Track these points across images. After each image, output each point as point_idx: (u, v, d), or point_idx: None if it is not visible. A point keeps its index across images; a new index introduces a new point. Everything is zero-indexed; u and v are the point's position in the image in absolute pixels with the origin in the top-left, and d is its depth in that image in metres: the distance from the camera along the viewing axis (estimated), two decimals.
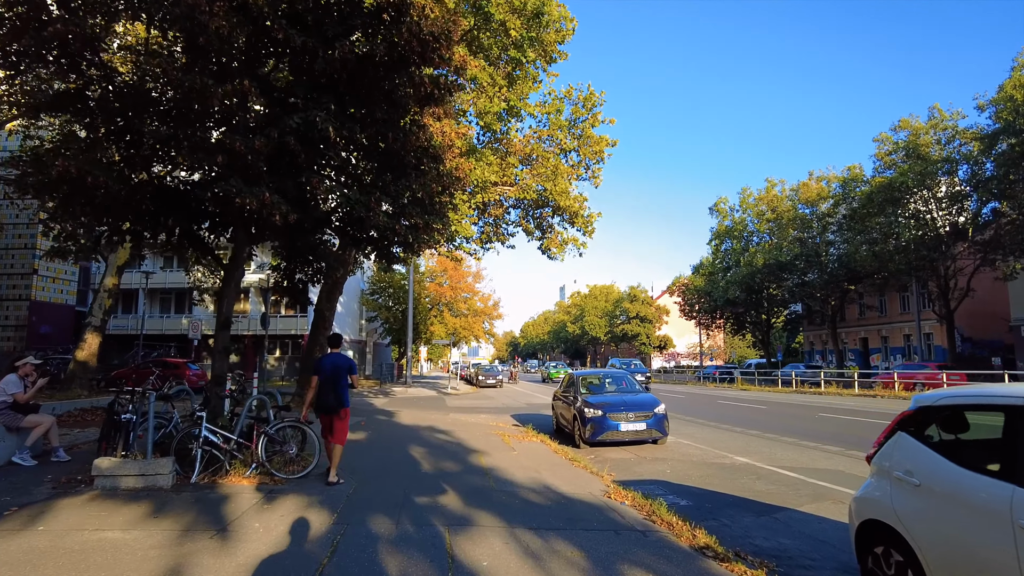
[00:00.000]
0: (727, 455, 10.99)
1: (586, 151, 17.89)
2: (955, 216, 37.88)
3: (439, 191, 8.87)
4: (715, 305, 57.72)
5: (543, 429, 15.00)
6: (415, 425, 14.52)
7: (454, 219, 14.41)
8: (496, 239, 19.97)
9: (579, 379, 13.49)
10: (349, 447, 10.44)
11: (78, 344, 21.80)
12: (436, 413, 18.84)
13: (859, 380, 30.45)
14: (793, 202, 51.24)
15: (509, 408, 22.31)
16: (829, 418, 17.14)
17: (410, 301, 36.30)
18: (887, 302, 50.59)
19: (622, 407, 11.97)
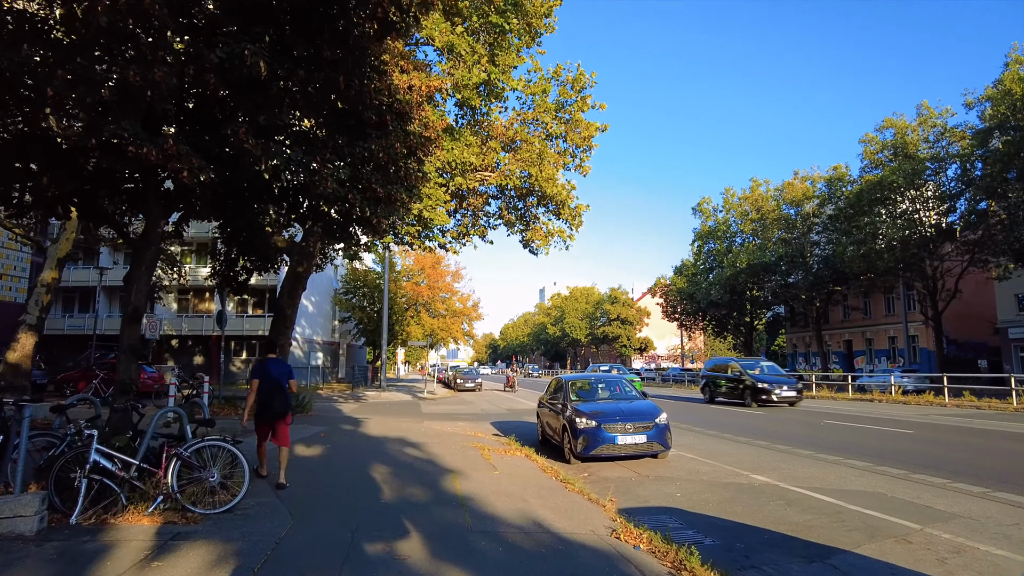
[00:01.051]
0: (742, 472, 9.50)
1: (574, 137, 16.35)
2: (944, 216, 37.26)
3: (404, 154, 7.24)
4: (698, 307, 56.77)
5: (527, 440, 13.43)
6: (383, 436, 12.83)
7: (427, 204, 12.76)
8: (474, 231, 18.35)
9: (568, 384, 11.92)
10: (299, 466, 8.76)
11: (9, 345, 19.64)
12: (409, 421, 17.15)
13: (852, 384, 29.31)
14: (778, 202, 50.42)
15: (488, 415, 20.68)
16: (837, 426, 15.81)
17: (385, 300, 34.49)
18: (871, 304, 50.06)
19: (618, 417, 10.43)
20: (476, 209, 18.42)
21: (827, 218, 45.54)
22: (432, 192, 13.07)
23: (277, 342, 17.36)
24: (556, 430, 11.55)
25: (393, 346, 47.80)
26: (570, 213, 16.43)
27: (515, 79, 14.71)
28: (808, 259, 48.54)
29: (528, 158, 15.36)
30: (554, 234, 16.49)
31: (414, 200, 7.92)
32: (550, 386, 13.43)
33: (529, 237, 16.90)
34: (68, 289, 39.58)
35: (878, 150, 38.85)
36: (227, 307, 39.62)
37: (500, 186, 17.51)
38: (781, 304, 57.31)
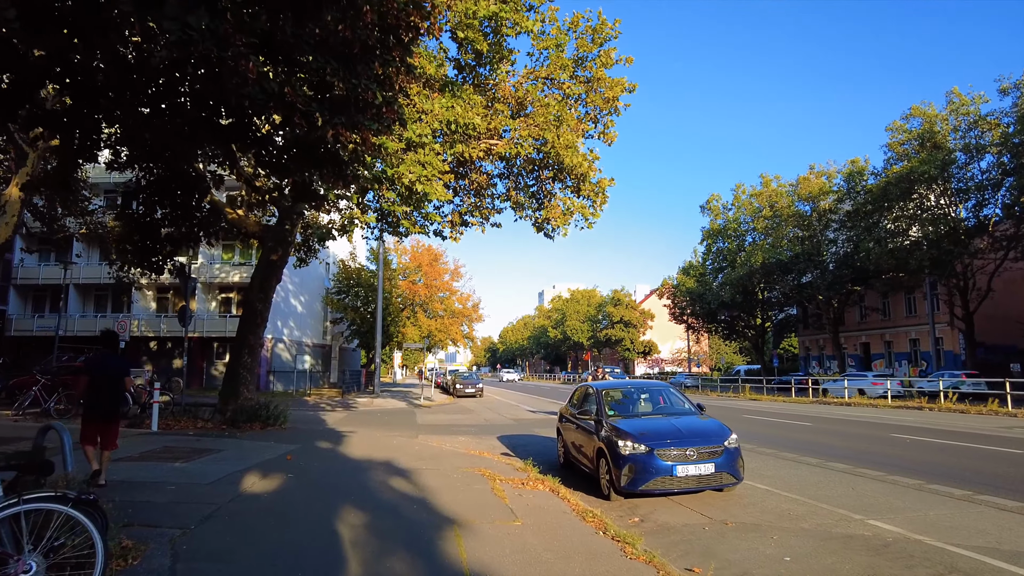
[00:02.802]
0: (851, 515, 6.92)
1: (595, 98, 13.81)
2: (977, 209, 34.83)
3: (377, 36, 4.68)
4: (708, 308, 54.25)
5: (543, 461, 10.83)
6: (366, 459, 10.21)
7: (421, 174, 10.18)
8: (477, 214, 15.79)
9: (600, 394, 9.32)
10: (237, 514, 6.14)
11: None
12: (401, 435, 14.55)
13: (892, 391, 26.69)
14: (792, 198, 47.93)
15: (493, 426, 18.05)
16: (913, 441, 13.24)
17: (379, 299, 31.90)
18: (891, 304, 47.53)
19: (675, 439, 7.83)
20: (480, 188, 15.86)
21: (844, 214, 43.22)
22: (428, 160, 10.49)
23: (247, 341, 14.77)
24: (587, 454, 8.96)
25: (389, 349, 45.17)
26: (592, 189, 13.85)
27: (529, 19, 12.14)
28: (824, 257, 46.14)
29: (542, 123, 12.80)
30: (574, 211, 13.85)
31: (394, 113, 5.37)
32: (574, 396, 10.83)
33: (544, 217, 14.27)
34: (39, 288, 36.93)
35: (905, 140, 36.49)
36: (209, 306, 37.07)
37: (508, 160, 14.95)
38: (794, 305, 54.93)
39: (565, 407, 11.05)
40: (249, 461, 9.26)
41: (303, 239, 22.01)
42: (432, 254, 41.60)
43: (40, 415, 15.19)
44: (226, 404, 14.31)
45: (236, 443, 11.23)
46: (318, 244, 21.92)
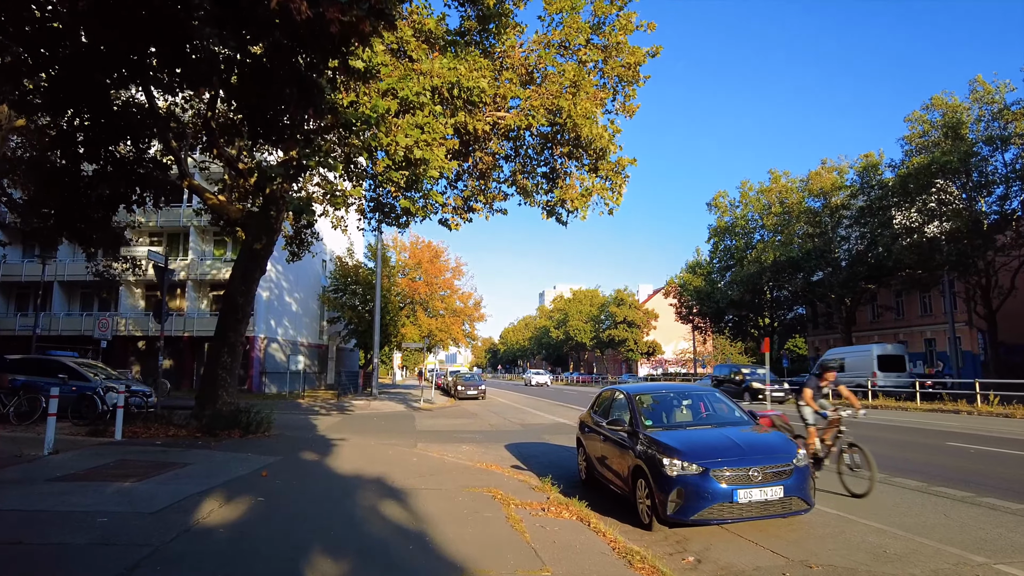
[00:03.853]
0: (962, 554, 5.42)
1: (615, 66, 12.28)
2: (1000, 203, 33.35)
3: None
4: (717, 307, 52.78)
5: (563, 477, 9.34)
6: (355, 476, 8.71)
7: (419, 138, 8.69)
8: (482, 198, 14.30)
9: (633, 399, 7.80)
10: (180, 554, 4.65)
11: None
12: (398, 444, 13.04)
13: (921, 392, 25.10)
14: (803, 194, 46.44)
15: (500, 433, 16.55)
16: (979, 452, 11.74)
17: (377, 297, 30.42)
18: (904, 303, 46.01)
19: (734, 455, 6.34)
20: (484, 171, 14.37)
21: (857, 210, 41.81)
22: (427, 123, 9.00)
23: (227, 339, 13.27)
24: (618, 472, 7.46)
25: (388, 349, 43.67)
26: (611, 168, 12.32)
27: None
28: (836, 255, 44.69)
29: (556, 91, 11.31)
30: (593, 192, 12.30)
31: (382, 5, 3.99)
32: (598, 402, 9.33)
33: (558, 199, 12.70)
34: (22, 285, 35.46)
35: (926, 130, 35.03)
36: (200, 304, 35.57)
37: (516, 138, 13.46)
38: (803, 304, 53.51)
39: (587, 414, 9.55)
40: (215, 479, 7.76)
41: (295, 232, 20.59)
42: (433, 251, 40.12)
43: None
44: (202, 409, 12.82)
45: (207, 455, 9.73)
46: (309, 235, 20.49)
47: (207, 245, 35.56)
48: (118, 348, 32.75)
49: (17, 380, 15.57)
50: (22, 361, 17.06)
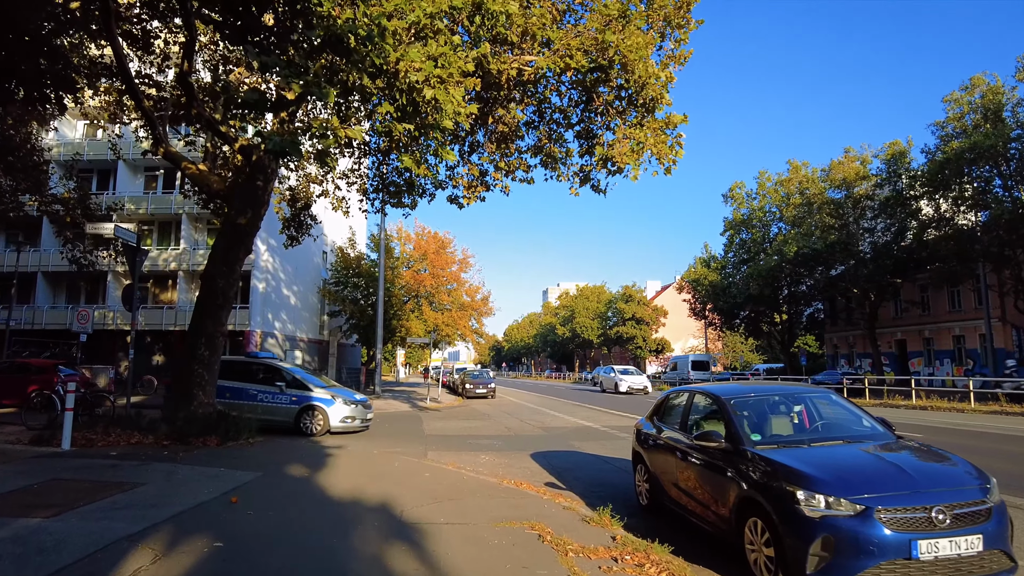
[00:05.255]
0: None
1: (663, 4, 10.25)
2: None
3: None
4: (734, 302, 50.68)
5: (612, 496, 7.32)
6: (352, 500, 6.74)
7: (432, 72, 6.69)
8: (502, 165, 12.30)
9: (729, 403, 5.77)
10: None
11: None
12: (405, 452, 11.06)
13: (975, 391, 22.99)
14: (824, 184, 44.33)
15: (520, 438, 14.54)
16: None
17: (380, 290, 28.45)
18: (931, 298, 43.90)
19: (905, 487, 4.34)
20: (504, 136, 12.37)
21: (882, 201, 39.77)
22: (443, 54, 6.98)
23: (205, 329, 11.29)
24: (711, 504, 5.45)
25: (391, 345, 41.72)
26: (658, 126, 10.25)
27: None
28: (859, 247, 42.59)
29: (599, 26, 9.30)
30: (646, 146, 10.19)
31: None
32: (665, 407, 7.31)
33: (599, 158, 10.61)
34: (4, 275, 33.51)
35: (964, 112, 32.91)
36: (193, 296, 33.59)
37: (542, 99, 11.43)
38: (821, 300, 51.47)
39: (647, 422, 7.54)
40: (164, 510, 5.80)
41: (292, 215, 18.63)
42: (439, 241, 38.11)
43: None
44: (174, 411, 10.85)
45: (168, 471, 7.75)
46: (308, 218, 18.52)
47: (200, 234, 33.60)
48: (105, 343, 30.87)
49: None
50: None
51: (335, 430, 13.65)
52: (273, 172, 12.45)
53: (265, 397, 13.68)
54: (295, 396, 13.66)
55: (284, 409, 13.58)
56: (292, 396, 13.65)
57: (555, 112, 12.49)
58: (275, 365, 14.53)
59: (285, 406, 13.60)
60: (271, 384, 13.80)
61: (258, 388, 13.81)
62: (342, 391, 14.76)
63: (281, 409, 13.58)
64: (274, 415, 13.51)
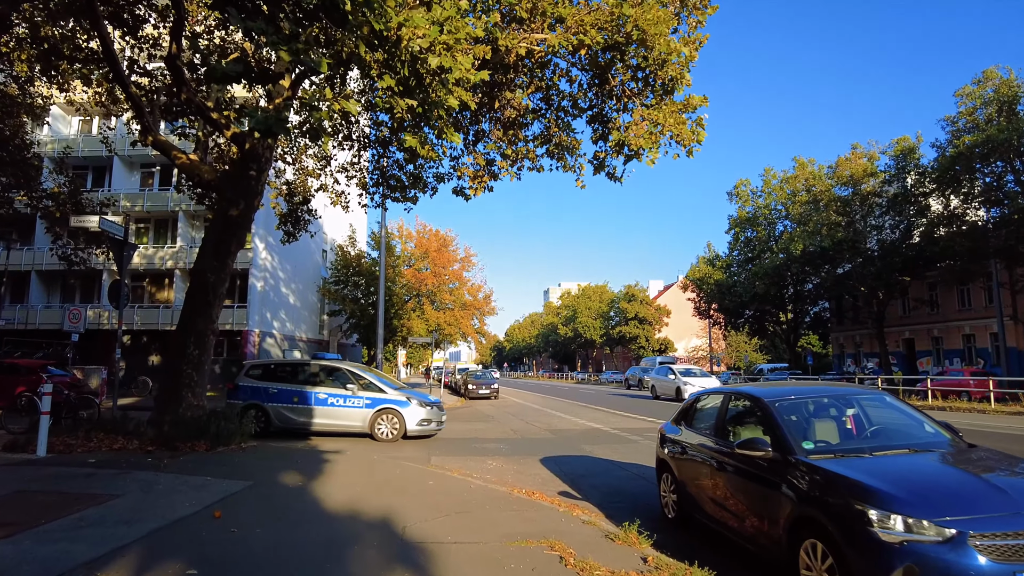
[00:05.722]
0: None
1: None
2: None
3: None
4: (739, 301, 50.02)
5: (638, 510, 6.65)
6: (350, 514, 6.09)
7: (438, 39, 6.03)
8: (509, 152, 11.65)
9: (773, 407, 5.08)
10: None
11: None
12: (407, 459, 10.38)
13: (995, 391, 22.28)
14: (831, 181, 43.67)
15: (527, 441, 13.87)
16: None
17: (381, 288, 27.76)
18: (940, 297, 43.23)
19: (1002, 507, 3.67)
20: (510, 123, 11.71)
21: (891, 198, 39.15)
22: (449, 18, 6.33)
23: (194, 327, 10.64)
24: (756, 521, 4.77)
25: (392, 345, 41.07)
26: (675, 109, 9.57)
27: None
28: (866, 245, 41.93)
29: (614, 2, 8.63)
30: (666, 128, 9.48)
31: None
32: (696, 411, 6.63)
33: (615, 142, 9.92)
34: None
35: (977, 106, 32.22)
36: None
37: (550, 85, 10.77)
38: (827, 299, 50.81)
39: (672, 427, 6.88)
40: (137, 527, 5.14)
41: (290, 211, 17.99)
42: (440, 239, 37.46)
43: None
44: (161, 414, 10.20)
45: (148, 481, 7.10)
46: (306, 213, 17.88)
47: (197, 232, 32.94)
48: (100, 343, 30.22)
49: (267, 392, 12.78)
50: (275, 367, 13.89)
51: (411, 434, 12.84)
52: (267, 161, 11.81)
53: (335, 401, 12.83)
54: (368, 399, 12.82)
55: (357, 413, 12.76)
56: (365, 399, 12.81)
57: (563, 99, 11.84)
58: (344, 367, 13.69)
59: (358, 410, 12.76)
60: (341, 387, 12.99)
61: (327, 392, 12.92)
62: (415, 392, 13.95)
63: (354, 413, 12.75)
64: (346, 420, 12.75)
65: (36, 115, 18.94)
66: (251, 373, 13.50)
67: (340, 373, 13.34)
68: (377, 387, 13.07)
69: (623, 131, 9.81)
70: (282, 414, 12.91)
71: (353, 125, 16.87)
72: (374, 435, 12.69)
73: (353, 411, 12.80)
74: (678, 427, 6.70)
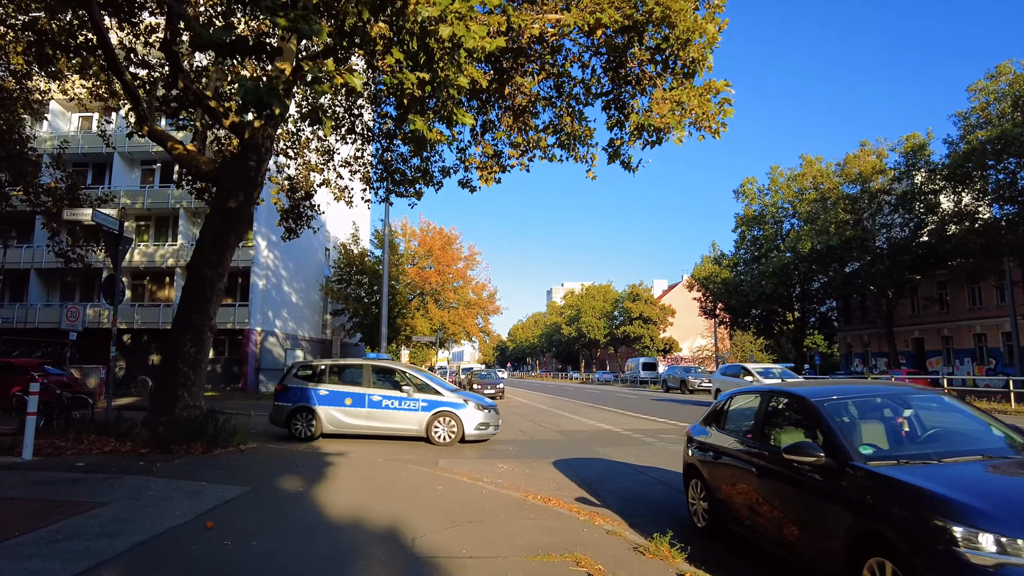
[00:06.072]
0: None
1: None
2: None
3: None
4: (746, 300, 49.46)
5: (663, 519, 6.17)
6: (355, 524, 5.61)
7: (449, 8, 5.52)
8: (520, 140, 11.17)
9: (823, 409, 4.53)
10: None
11: None
12: (413, 460, 9.92)
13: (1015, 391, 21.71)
14: (840, 179, 43.13)
15: (538, 443, 13.38)
16: None
17: (384, 287, 27.34)
18: (950, 296, 42.67)
19: None
20: (524, 107, 11.24)
21: (900, 195, 38.65)
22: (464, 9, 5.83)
23: (191, 324, 10.17)
24: (806, 535, 4.28)
25: (396, 344, 40.65)
26: (696, 93, 9.07)
27: None
28: (875, 243, 41.40)
29: None
30: (691, 108, 8.94)
31: None
32: (729, 412, 6.12)
33: (635, 126, 9.38)
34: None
35: (990, 101, 31.68)
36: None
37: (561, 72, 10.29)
38: (835, 298, 50.27)
39: (701, 429, 6.38)
40: (121, 540, 4.67)
41: (291, 206, 17.52)
42: (444, 237, 37.00)
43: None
44: (157, 415, 9.73)
45: (138, 486, 6.63)
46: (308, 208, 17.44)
47: (199, 229, 32.48)
48: (100, 342, 29.80)
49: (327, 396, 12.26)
50: (325, 367, 13.23)
51: (469, 438, 12.32)
52: (267, 151, 11.35)
53: (391, 404, 12.31)
54: (425, 401, 12.30)
55: (413, 417, 12.24)
56: (422, 401, 12.29)
57: (575, 86, 11.35)
58: (398, 367, 13.22)
59: (415, 413, 12.24)
60: (395, 389, 12.49)
61: (381, 394, 12.39)
62: (471, 395, 13.45)
63: (410, 417, 12.24)
64: (401, 424, 12.27)
65: (34, 110, 18.54)
66: (299, 374, 12.92)
67: (394, 374, 12.86)
68: (433, 389, 12.54)
69: (642, 115, 9.29)
70: (334, 417, 12.36)
71: (356, 118, 16.45)
72: (430, 439, 12.16)
73: (409, 414, 12.28)
74: (707, 429, 6.21)
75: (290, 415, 12.28)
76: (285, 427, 12.40)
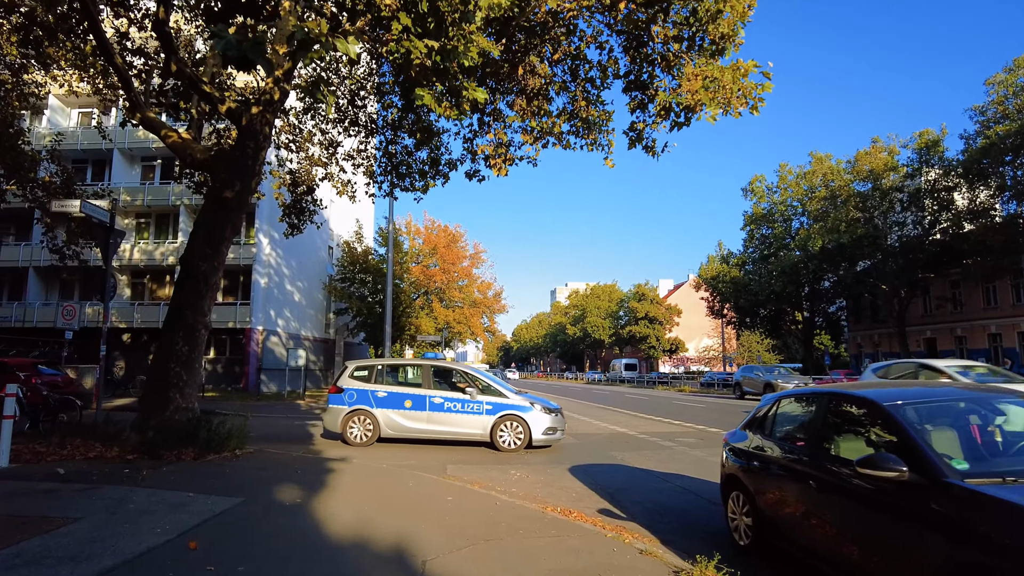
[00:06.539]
0: None
1: None
2: None
3: None
4: (756, 299, 48.74)
5: (696, 534, 5.54)
6: (358, 543, 4.98)
7: None
8: (534, 124, 10.55)
9: (902, 415, 3.87)
10: None
11: None
12: (420, 468, 9.27)
13: None
14: (850, 176, 42.39)
15: (551, 447, 12.75)
16: None
17: (388, 286, 26.76)
18: (963, 295, 41.87)
19: None
20: (537, 90, 10.62)
21: (911, 193, 37.96)
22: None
23: (183, 321, 9.56)
24: (887, 564, 3.63)
25: (400, 344, 40.08)
26: (730, 70, 8.40)
27: None
28: (886, 241, 40.67)
29: None
30: (723, 84, 8.26)
31: None
32: (772, 416, 5.47)
33: (660, 105, 8.70)
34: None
35: (1008, 95, 30.94)
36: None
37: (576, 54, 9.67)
38: (845, 297, 49.52)
39: (742, 436, 5.74)
40: (89, 565, 4.06)
41: (293, 201, 16.93)
42: (449, 235, 36.39)
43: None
44: (146, 418, 9.13)
45: (118, 498, 6.02)
46: (310, 203, 16.85)
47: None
48: (99, 341, 29.24)
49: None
50: (382, 367, 12.67)
51: (537, 443, 11.67)
52: (266, 138, 10.73)
53: (453, 406, 11.67)
54: (490, 404, 11.67)
55: (478, 420, 11.60)
56: (486, 404, 11.66)
57: (592, 69, 10.73)
58: (460, 368, 12.65)
59: (479, 416, 11.60)
60: (458, 391, 11.87)
61: (443, 396, 11.76)
62: (536, 397, 12.80)
63: (474, 420, 11.60)
64: (465, 428, 11.64)
65: (30, 103, 18.01)
66: (355, 375, 12.27)
67: (456, 375, 12.27)
68: (497, 391, 11.90)
69: (670, 93, 8.63)
70: (393, 420, 11.74)
71: (360, 109, 15.86)
72: (495, 444, 11.50)
73: (473, 418, 11.64)
74: (751, 436, 5.57)
75: (346, 417, 11.66)
76: (340, 431, 11.76)
